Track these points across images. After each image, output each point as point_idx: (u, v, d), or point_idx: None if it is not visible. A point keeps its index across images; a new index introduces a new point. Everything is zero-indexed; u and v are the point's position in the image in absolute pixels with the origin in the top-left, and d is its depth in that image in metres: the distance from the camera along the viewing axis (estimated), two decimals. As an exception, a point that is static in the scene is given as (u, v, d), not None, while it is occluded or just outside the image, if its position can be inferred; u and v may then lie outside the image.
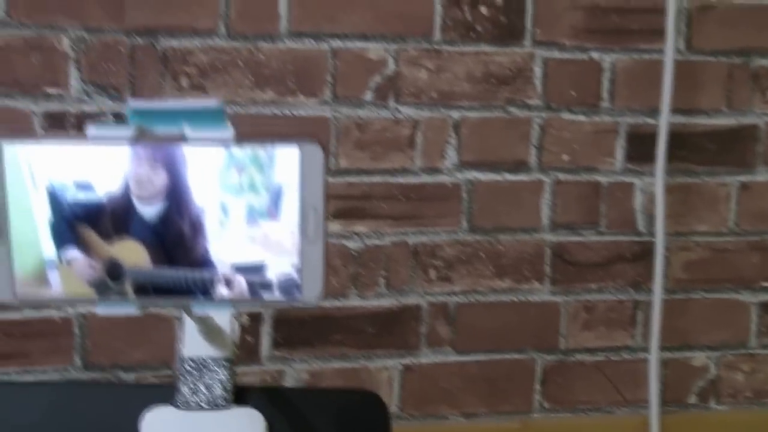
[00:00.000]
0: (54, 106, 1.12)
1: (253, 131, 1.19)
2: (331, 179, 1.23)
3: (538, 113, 1.27)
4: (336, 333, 1.24)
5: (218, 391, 0.85)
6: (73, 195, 0.68)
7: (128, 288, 0.70)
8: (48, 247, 0.69)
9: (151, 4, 1.14)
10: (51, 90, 1.13)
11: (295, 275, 0.70)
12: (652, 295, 1.32)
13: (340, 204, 1.23)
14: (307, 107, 1.21)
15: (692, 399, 1.37)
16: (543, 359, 1.31)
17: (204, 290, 0.70)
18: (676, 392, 1.37)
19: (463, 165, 1.26)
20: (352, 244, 1.23)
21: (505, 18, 1.24)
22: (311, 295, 0.70)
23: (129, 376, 1.19)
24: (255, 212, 0.69)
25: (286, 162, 0.68)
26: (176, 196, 0.68)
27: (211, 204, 0.69)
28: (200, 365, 0.84)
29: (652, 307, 1.32)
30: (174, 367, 1.20)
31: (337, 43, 1.20)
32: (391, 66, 1.22)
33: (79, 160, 0.68)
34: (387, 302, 1.25)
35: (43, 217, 0.68)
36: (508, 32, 1.24)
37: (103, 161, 0.68)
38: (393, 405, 1.27)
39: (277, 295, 0.70)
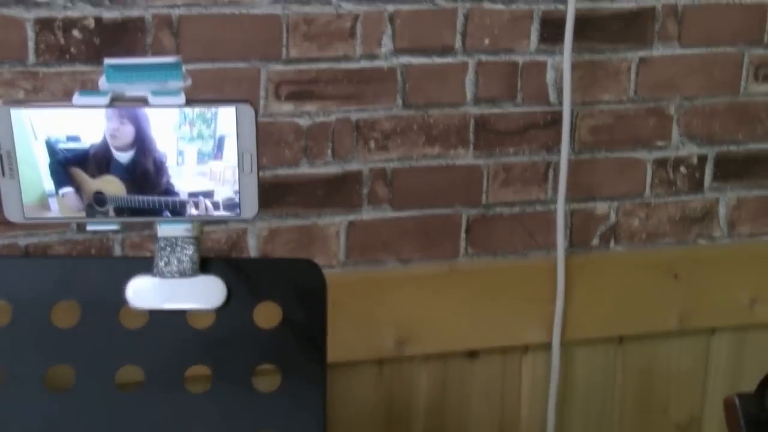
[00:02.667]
0: (43, 13, 1.32)
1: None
2: (283, 67, 1.42)
3: (462, 3, 1.46)
4: (290, 196, 1.45)
5: (187, 262, 1.06)
6: (65, 145, 0.90)
7: (110, 211, 0.93)
8: (48, 183, 0.91)
9: None
10: None
11: (236, 198, 0.93)
12: (560, 156, 1.53)
13: (292, 88, 1.43)
14: (261, 6, 1.39)
15: (595, 242, 1.61)
16: (468, 212, 1.54)
17: (168, 210, 0.93)
18: (581, 237, 1.59)
19: (398, 51, 1.46)
20: (303, 122, 1.44)
21: None
22: (248, 213, 0.94)
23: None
24: (204, 155, 0.91)
25: (226, 118, 0.90)
26: (143, 145, 0.90)
27: (170, 150, 0.91)
28: (173, 243, 1.05)
29: (560, 166, 1.53)
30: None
31: None
32: None
33: (69, 119, 0.89)
34: (333, 169, 1.47)
35: (43, 161, 0.90)
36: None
37: (87, 120, 0.89)
38: (340, 254, 1.50)
39: (222, 212, 0.93)
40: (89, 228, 0.94)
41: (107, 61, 0.91)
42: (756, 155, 1.63)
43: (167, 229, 1.03)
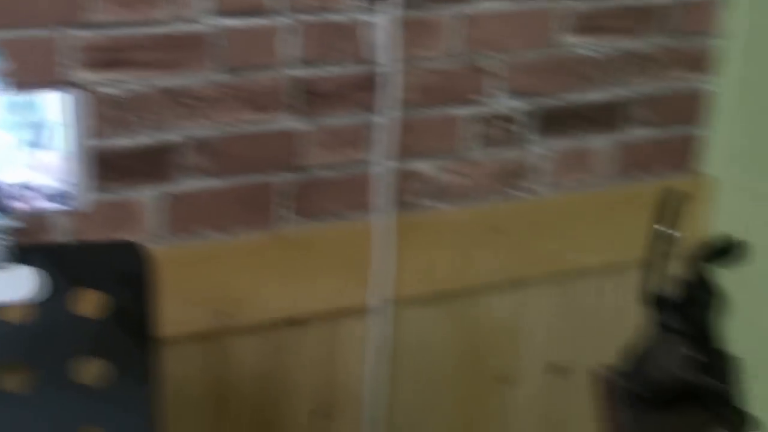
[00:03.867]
0: None
1: None
2: (89, 33, 1.33)
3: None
4: (104, 170, 1.37)
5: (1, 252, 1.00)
6: None
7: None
8: None
9: None
10: None
11: (67, 187, 0.87)
12: (382, 116, 1.52)
13: (99, 55, 1.34)
14: None
15: (418, 201, 1.59)
16: (288, 178, 1.50)
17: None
18: (404, 196, 1.58)
19: (214, 13, 1.39)
20: (113, 90, 1.36)
21: None
22: (84, 200, 0.88)
23: None
24: (28, 143, 0.84)
25: (52, 104, 0.84)
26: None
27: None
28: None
29: (382, 126, 1.52)
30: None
31: None
32: None
33: None
34: (147, 140, 1.40)
35: None
36: None
37: None
38: (158, 228, 1.43)
39: (53, 204, 0.88)
40: None
41: None
42: (573, 108, 1.66)
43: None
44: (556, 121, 1.66)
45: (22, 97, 0.84)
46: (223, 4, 1.39)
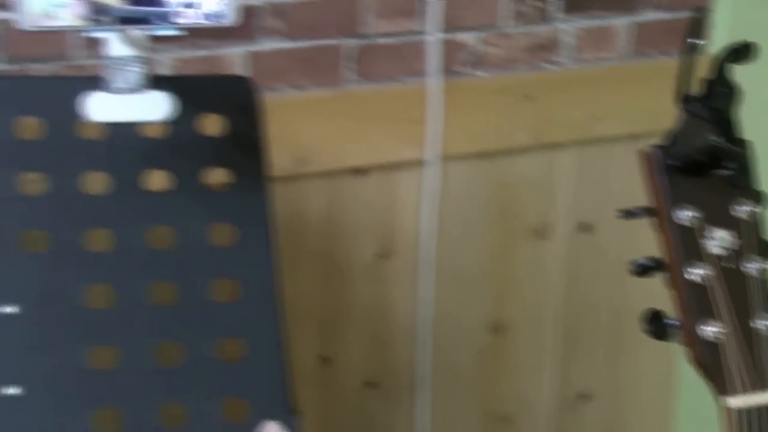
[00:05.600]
0: None
1: None
2: None
3: None
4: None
5: (137, 79, 1.20)
6: (75, -42, 1.02)
7: (110, 20, 1.06)
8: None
9: None
10: None
11: (218, 8, 1.08)
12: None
13: None
14: None
15: (460, 68, 1.81)
16: (350, 42, 1.71)
17: (160, 19, 1.07)
18: (448, 64, 1.80)
19: None
20: None
21: None
22: (230, 19, 1.09)
23: (40, 67, 1.52)
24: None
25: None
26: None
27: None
28: (123, 62, 1.19)
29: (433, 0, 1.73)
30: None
31: None
32: None
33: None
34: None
35: (54, -28, 1.02)
36: None
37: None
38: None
39: (208, 20, 1.08)
40: (93, 35, 1.07)
41: None
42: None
43: (118, 48, 1.17)
44: (581, 2, 1.87)
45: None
46: None
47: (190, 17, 1.08)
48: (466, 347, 1.92)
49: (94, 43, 1.38)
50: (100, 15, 1.05)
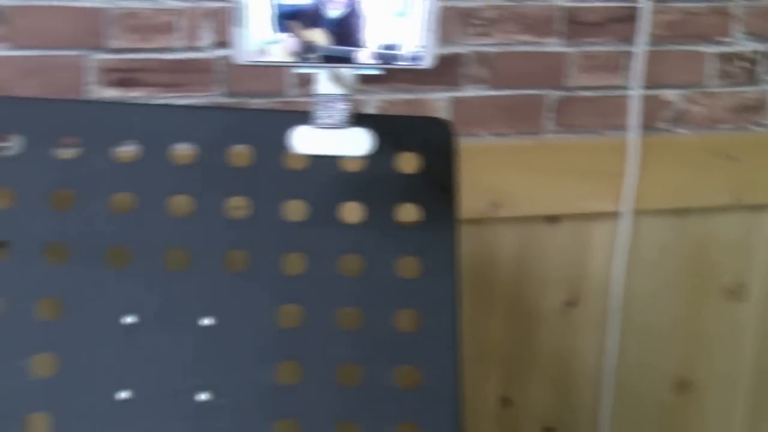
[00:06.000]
0: None
1: None
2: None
3: None
4: (401, 74, 1.66)
5: (341, 116, 1.27)
6: (286, 1, 1.11)
7: (317, 58, 1.14)
8: (269, 32, 1.12)
9: None
10: None
11: (418, 51, 1.14)
12: (637, 46, 1.75)
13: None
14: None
15: (662, 125, 1.82)
16: (553, 94, 1.75)
17: (362, 59, 1.14)
18: (650, 120, 1.81)
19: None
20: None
21: None
22: (427, 62, 1.15)
23: (255, 101, 1.64)
24: (396, 13, 1.12)
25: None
26: (350, 4, 1.11)
27: (370, 9, 1.12)
28: (330, 99, 1.26)
29: (636, 55, 1.75)
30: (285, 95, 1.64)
31: None
32: None
33: (293, -21, 1.10)
34: (441, 50, 1.68)
35: (268, 13, 1.11)
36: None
37: (308, -19, 1.10)
38: (443, 126, 1.71)
39: (406, 62, 1.15)
40: (298, 71, 1.16)
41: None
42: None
43: (325, 86, 1.25)
44: (791, 64, 1.86)
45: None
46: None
47: (389, 59, 1.15)
48: (649, 401, 1.91)
49: (306, 82, 1.48)
50: (307, 53, 1.14)
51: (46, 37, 1.54)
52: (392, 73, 1.65)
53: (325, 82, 1.24)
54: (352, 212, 1.36)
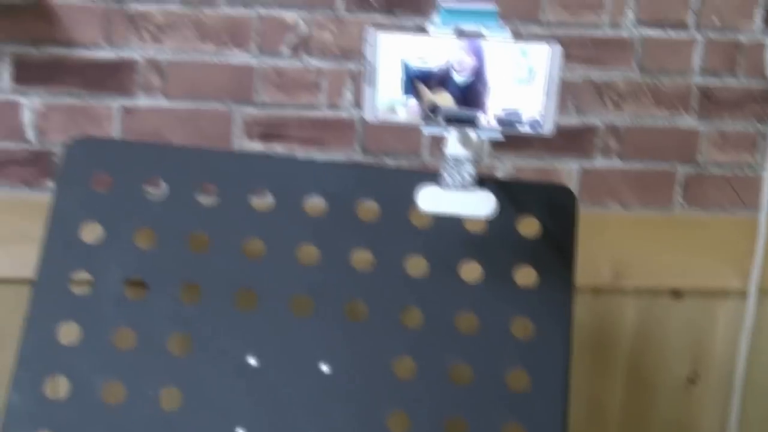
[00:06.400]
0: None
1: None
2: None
3: None
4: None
5: (467, 178, 1.32)
6: (416, 64, 1.17)
7: (441, 119, 1.20)
8: (398, 93, 1.19)
9: None
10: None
11: (539, 117, 1.19)
12: (773, 128, 1.76)
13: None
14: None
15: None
16: (684, 169, 1.77)
17: (484, 122, 1.19)
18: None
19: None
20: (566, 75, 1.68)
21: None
22: (547, 128, 1.19)
23: (390, 160, 1.70)
24: (519, 81, 1.17)
25: (540, 53, 1.16)
26: (476, 70, 1.17)
27: (494, 75, 1.17)
28: (458, 161, 1.31)
29: (771, 137, 1.76)
30: (419, 154, 1.70)
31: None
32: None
33: (421, 45, 1.17)
34: (573, 121, 1.72)
35: (397, 76, 1.18)
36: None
37: (436, 47, 1.16)
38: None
39: (526, 128, 1.19)
40: (424, 132, 1.21)
41: (442, 4, 1.18)
42: None
43: (454, 148, 1.30)
44: None
45: (519, 46, 1.17)
46: (645, 14, 1.69)
47: (510, 124, 1.20)
48: (768, 484, 1.89)
49: (437, 143, 1.54)
50: (432, 114, 1.19)
51: (198, 90, 1.64)
52: (523, 140, 1.69)
53: (454, 144, 1.29)
54: (471, 271, 1.40)
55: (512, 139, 1.23)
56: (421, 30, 1.17)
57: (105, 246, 1.39)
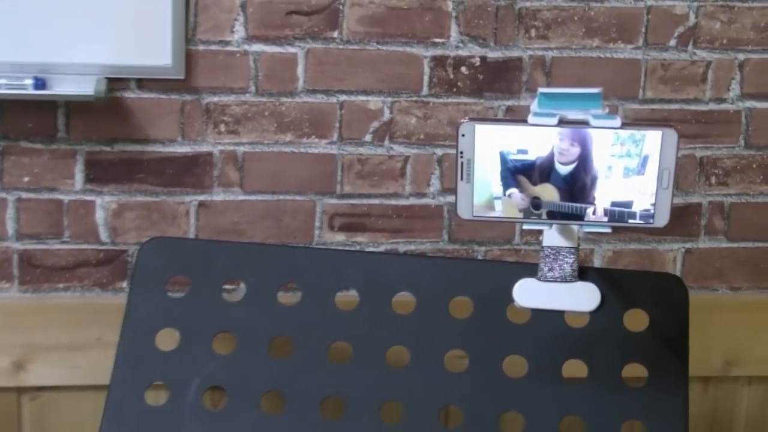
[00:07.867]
0: (438, 52, 1.54)
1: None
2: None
3: None
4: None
5: (568, 269, 1.22)
6: (515, 156, 1.08)
7: (544, 214, 1.10)
8: (496, 187, 1.09)
9: None
10: (437, 39, 1.54)
11: (651, 209, 1.09)
12: None
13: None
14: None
15: None
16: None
17: (590, 216, 1.10)
18: None
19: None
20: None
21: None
22: (661, 222, 1.09)
23: (481, 249, 1.61)
24: (629, 170, 1.08)
25: (653, 140, 1.06)
26: (582, 161, 1.07)
27: (602, 165, 1.07)
28: (557, 252, 1.21)
29: None
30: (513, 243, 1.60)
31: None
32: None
33: (521, 135, 1.08)
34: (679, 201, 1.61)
35: (495, 169, 1.09)
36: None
37: (537, 137, 1.07)
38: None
39: (637, 221, 1.09)
40: (525, 227, 1.12)
41: (541, 89, 1.09)
42: None
43: (552, 238, 1.20)
44: None
45: (629, 132, 1.07)
46: (749, 86, 1.59)
47: (619, 217, 1.10)
48: None
49: (533, 231, 1.44)
50: (535, 208, 1.10)
51: (277, 181, 1.57)
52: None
53: (551, 234, 1.20)
54: (575, 370, 1.29)
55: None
56: (518, 118, 1.08)
57: (182, 352, 1.31)
